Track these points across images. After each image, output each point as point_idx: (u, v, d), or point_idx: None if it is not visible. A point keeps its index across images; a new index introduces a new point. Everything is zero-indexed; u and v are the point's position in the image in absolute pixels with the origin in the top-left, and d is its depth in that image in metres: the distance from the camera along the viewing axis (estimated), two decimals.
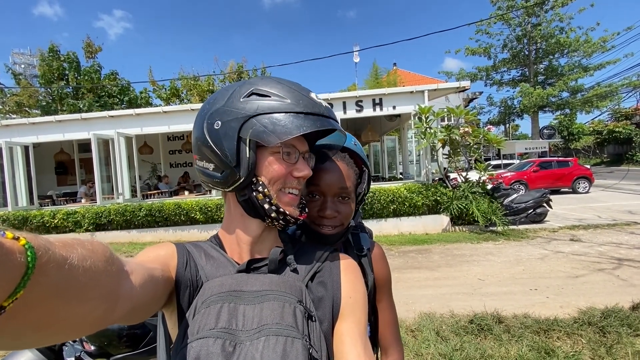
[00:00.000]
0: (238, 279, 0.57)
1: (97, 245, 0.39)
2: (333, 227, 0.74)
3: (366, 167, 0.85)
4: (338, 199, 0.75)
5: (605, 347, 2.61)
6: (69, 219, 7.98)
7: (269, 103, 0.58)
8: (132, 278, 0.45)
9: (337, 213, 0.74)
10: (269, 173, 0.60)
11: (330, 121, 0.61)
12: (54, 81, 15.22)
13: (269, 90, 0.59)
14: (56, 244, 0.31)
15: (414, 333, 3.01)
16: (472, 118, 8.79)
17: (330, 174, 0.74)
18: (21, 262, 0.26)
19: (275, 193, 0.61)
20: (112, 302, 0.40)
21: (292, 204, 0.62)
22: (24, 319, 0.29)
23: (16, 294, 0.26)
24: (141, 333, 1.12)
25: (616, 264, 4.81)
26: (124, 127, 8.59)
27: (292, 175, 0.61)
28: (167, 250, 0.60)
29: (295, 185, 0.62)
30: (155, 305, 0.55)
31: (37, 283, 0.28)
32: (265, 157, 0.60)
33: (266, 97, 0.59)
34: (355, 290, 0.63)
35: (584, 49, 21.84)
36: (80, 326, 0.37)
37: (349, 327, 0.59)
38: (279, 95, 0.59)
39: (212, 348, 0.47)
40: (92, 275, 0.35)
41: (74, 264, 0.32)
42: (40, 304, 0.30)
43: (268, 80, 0.62)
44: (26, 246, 0.27)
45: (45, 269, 0.29)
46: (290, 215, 0.61)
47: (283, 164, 0.60)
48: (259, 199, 0.60)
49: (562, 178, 13.04)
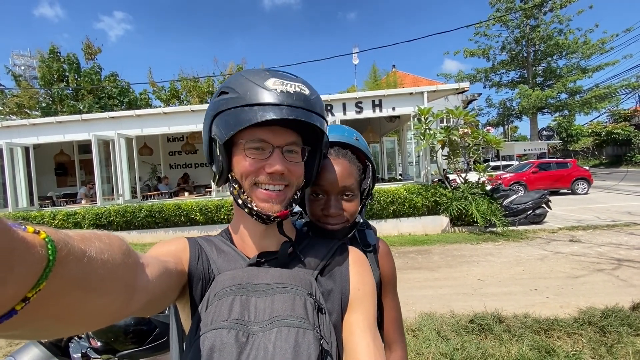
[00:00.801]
0: (249, 272, 0.58)
1: (113, 238, 0.39)
2: (339, 225, 0.75)
3: (370, 162, 0.85)
4: (342, 196, 0.75)
5: (605, 346, 2.62)
6: (69, 220, 7.97)
7: (224, 100, 0.59)
8: (148, 271, 0.46)
9: (342, 211, 0.74)
10: (238, 169, 0.60)
11: (292, 110, 0.56)
12: (54, 82, 15.21)
13: (229, 86, 0.60)
14: (75, 237, 0.32)
15: (415, 333, 3.02)
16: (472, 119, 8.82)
17: (332, 172, 0.73)
18: (42, 255, 0.27)
19: (248, 188, 0.60)
20: (130, 294, 0.41)
21: (268, 200, 0.59)
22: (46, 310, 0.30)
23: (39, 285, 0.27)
24: (147, 329, 1.13)
25: (616, 264, 4.83)
26: (124, 128, 8.59)
27: (264, 170, 0.59)
28: (180, 244, 0.62)
29: (267, 180, 0.59)
30: (170, 298, 0.56)
31: (58, 275, 0.29)
32: (238, 154, 0.60)
33: (225, 94, 0.60)
34: (363, 283, 0.64)
35: (583, 51, 21.92)
36: (99, 318, 0.38)
37: (358, 318, 0.60)
38: (233, 90, 0.59)
39: (225, 338, 0.48)
40: (110, 267, 0.36)
41: (92, 257, 0.33)
42: (61, 296, 0.31)
43: (235, 76, 0.62)
44: (46, 239, 0.28)
45: (65, 262, 0.29)
46: (259, 211, 0.59)
47: (248, 160, 0.59)
48: (234, 194, 0.62)
49: (561, 179, 13.07)
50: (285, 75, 0.61)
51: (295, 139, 0.62)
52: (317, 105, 0.61)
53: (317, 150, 0.68)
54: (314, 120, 0.59)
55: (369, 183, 0.84)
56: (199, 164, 12.28)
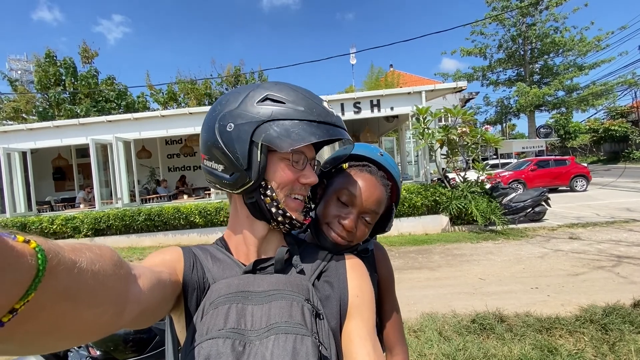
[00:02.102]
0: (245, 279, 0.57)
1: (105, 249, 0.39)
2: (343, 239, 0.72)
3: (396, 205, 0.83)
4: (363, 217, 0.74)
5: (607, 344, 2.61)
6: (68, 225, 7.93)
7: (284, 109, 0.59)
8: (140, 282, 0.45)
9: (355, 229, 0.72)
10: (277, 178, 0.61)
11: (340, 131, 0.63)
12: (51, 87, 15.15)
13: (283, 96, 0.60)
14: (65, 248, 0.32)
15: (417, 333, 3.01)
16: (470, 118, 8.82)
17: (372, 190, 0.73)
18: (32, 264, 0.26)
19: (283, 198, 0.62)
20: (121, 306, 0.40)
21: (298, 209, 0.64)
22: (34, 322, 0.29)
23: (27, 296, 0.26)
24: (147, 337, 1.11)
25: (616, 261, 4.83)
26: (122, 132, 8.57)
27: (299, 181, 0.63)
28: (174, 254, 0.60)
29: (301, 191, 0.64)
30: (164, 309, 0.55)
31: (47, 286, 0.28)
32: (275, 162, 0.61)
33: (280, 103, 0.60)
34: (362, 289, 0.64)
35: (579, 48, 22.03)
36: (90, 331, 0.37)
37: (358, 326, 0.59)
38: (293, 103, 0.60)
39: (222, 348, 0.47)
40: (101, 279, 0.35)
41: (83, 268, 0.32)
42: (50, 307, 0.30)
43: (283, 86, 0.63)
44: (37, 249, 0.27)
45: (55, 272, 0.29)
46: (296, 220, 0.63)
47: (292, 170, 0.61)
48: (267, 203, 0.61)
49: (560, 176, 13.10)
50: None
51: (315, 154, 0.69)
52: None
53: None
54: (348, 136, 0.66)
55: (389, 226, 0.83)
56: (197, 166, 12.25)
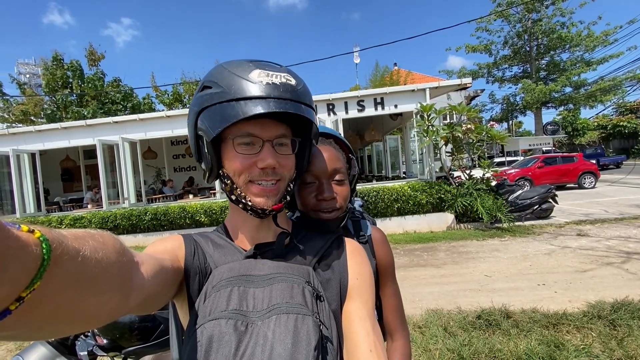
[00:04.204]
0: (246, 264, 0.58)
1: (107, 237, 0.39)
2: (333, 210, 0.74)
3: (352, 154, 0.87)
4: (333, 181, 0.75)
5: (616, 340, 2.58)
6: (76, 225, 8.05)
7: (208, 95, 0.56)
8: (143, 269, 0.45)
9: (335, 194, 0.74)
10: (230, 166, 0.59)
11: (278, 102, 0.54)
12: (58, 89, 15.39)
13: (212, 79, 0.57)
14: (68, 236, 0.32)
15: (422, 329, 3.00)
16: (474, 115, 8.74)
17: (320, 157, 0.73)
18: (37, 253, 0.27)
19: (243, 184, 0.59)
20: (125, 293, 0.41)
21: (263, 195, 0.59)
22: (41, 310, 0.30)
23: (33, 284, 0.27)
24: (152, 326, 1.13)
25: (625, 257, 4.76)
26: (128, 133, 8.66)
27: (256, 166, 0.58)
28: (175, 242, 0.61)
29: (262, 176, 0.58)
30: (167, 295, 0.56)
31: (52, 274, 0.28)
32: (228, 150, 0.59)
33: (209, 88, 0.57)
34: (361, 273, 0.64)
35: (586, 44, 21.66)
36: (95, 317, 0.38)
37: (357, 307, 0.60)
38: (217, 84, 0.56)
39: (224, 328, 0.48)
40: (104, 266, 0.35)
41: (86, 256, 0.33)
42: (56, 295, 0.30)
43: (216, 68, 0.59)
44: (41, 238, 0.28)
45: (59, 261, 0.29)
46: (254, 206, 0.59)
47: (240, 156, 0.58)
48: (227, 190, 0.62)
49: (568, 173, 12.93)
50: (269, 65, 0.59)
51: (284, 132, 0.61)
52: (305, 95, 0.59)
53: (307, 141, 0.67)
54: (302, 111, 0.57)
55: (356, 171, 0.85)
56: None
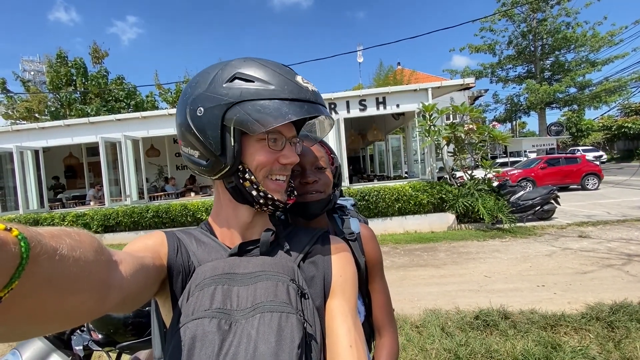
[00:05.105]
0: (230, 262, 0.58)
1: (83, 235, 0.38)
2: (316, 193, 0.78)
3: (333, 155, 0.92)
4: (315, 168, 0.80)
5: (613, 341, 2.57)
6: (79, 221, 8.12)
7: (253, 89, 0.56)
8: (122, 267, 0.45)
9: (318, 178, 0.79)
10: (254, 161, 0.60)
11: (317, 107, 0.60)
12: (62, 87, 15.49)
13: (252, 74, 0.57)
14: (45, 234, 0.32)
15: (419, 329, 3.00)
16: (477, 115, 8.71)
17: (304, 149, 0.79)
18: (15, 252, 0.26)
19: (262, 180, 0.61)
20: (103, 292, 0.40)
21: (279, 190, 0.62)
22: (18, 309, 0.30)
23: (11, 284, 0.27)
24: (146, 321, 1.15)
25: (626, 259, 4.74)
26: (131, 130, 8.71)
27: (278, 162, 0.61)
28: (157, 239, 0.60)
29: (281, 171, 0.62)
30: (147, 294, 0.55)
31: (30, 273, 0.28)
32: (251, 145, 0.59)
33: (249, 82, 0.57)
34: (345, 270, 0.65)
35: (591, 44, 21.49)
36: (73, 316, 0.37)
37: (340, 303, 0.61)
38: (263, 80, 0.57)
39: (207, 327, 0.48)
40: (82, 265, 0.35)
41: (64, 254, 0.32)
42: (34, 295, 0.30)
43: (251, 62, 0.59)
44: (19, 237, 0.27)
45: (38, 260, 0.29)
46: (278, 201, 0.62)
47: (269, 152, 0.60)
48: (246, 187, 0.61)
49: (571, 175, 12.84)
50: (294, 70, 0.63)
51: (295, 132, 0.66)
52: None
53: None
54: (327, 113, 0.64)
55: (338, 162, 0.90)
56: None
